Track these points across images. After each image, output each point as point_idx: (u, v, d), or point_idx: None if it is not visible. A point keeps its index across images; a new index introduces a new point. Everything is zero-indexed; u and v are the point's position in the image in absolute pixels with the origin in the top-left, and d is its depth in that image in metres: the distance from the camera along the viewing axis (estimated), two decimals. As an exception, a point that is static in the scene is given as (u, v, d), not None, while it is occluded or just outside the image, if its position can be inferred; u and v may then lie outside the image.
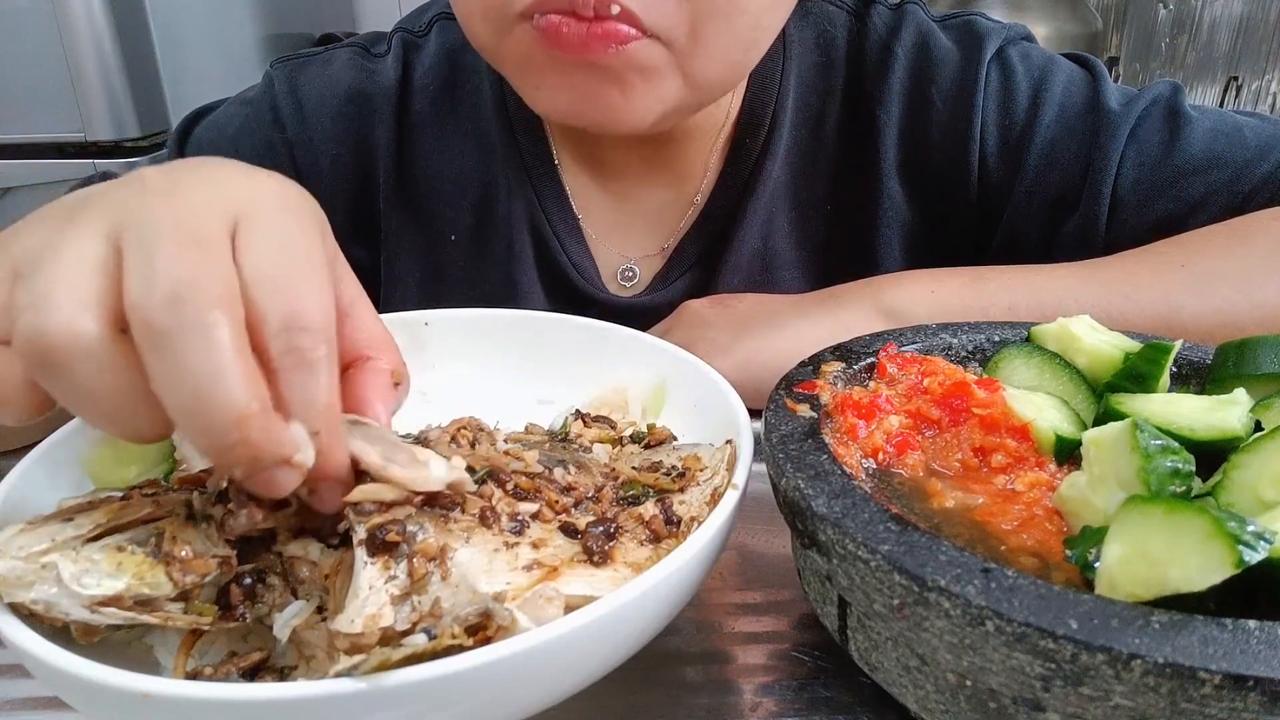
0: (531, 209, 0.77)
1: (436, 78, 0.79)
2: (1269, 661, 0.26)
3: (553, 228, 0.77)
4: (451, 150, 0.78)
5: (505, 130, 0.77)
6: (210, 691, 0.28)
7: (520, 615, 0.31)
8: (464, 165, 0.78)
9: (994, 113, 0.73)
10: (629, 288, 0.80)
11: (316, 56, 0.81)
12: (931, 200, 0.76)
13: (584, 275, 0.78)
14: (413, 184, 0.79)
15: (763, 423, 0.41)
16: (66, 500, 0.37)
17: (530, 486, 0.40)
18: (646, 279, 0.80)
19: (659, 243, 0.79)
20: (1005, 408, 0.41)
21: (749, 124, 0.76)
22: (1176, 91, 0.72)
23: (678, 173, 0.78)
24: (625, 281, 0.80)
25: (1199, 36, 2.32)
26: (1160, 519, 0.30)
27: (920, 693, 0.34)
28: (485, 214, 0.78)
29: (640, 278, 0.80)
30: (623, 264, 0.80)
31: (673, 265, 0.78)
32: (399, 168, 0.78)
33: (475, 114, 0.79)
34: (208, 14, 1.82)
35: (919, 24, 0.76)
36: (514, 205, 0.77)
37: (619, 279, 0.80)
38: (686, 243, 0.78)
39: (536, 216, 0.77)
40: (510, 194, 0.77)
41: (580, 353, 0.54)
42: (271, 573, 0.36)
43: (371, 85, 0.78)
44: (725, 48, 0.60)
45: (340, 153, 0.78)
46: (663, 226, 0.79)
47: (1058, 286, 0.62)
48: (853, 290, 0.66)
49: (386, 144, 0.78)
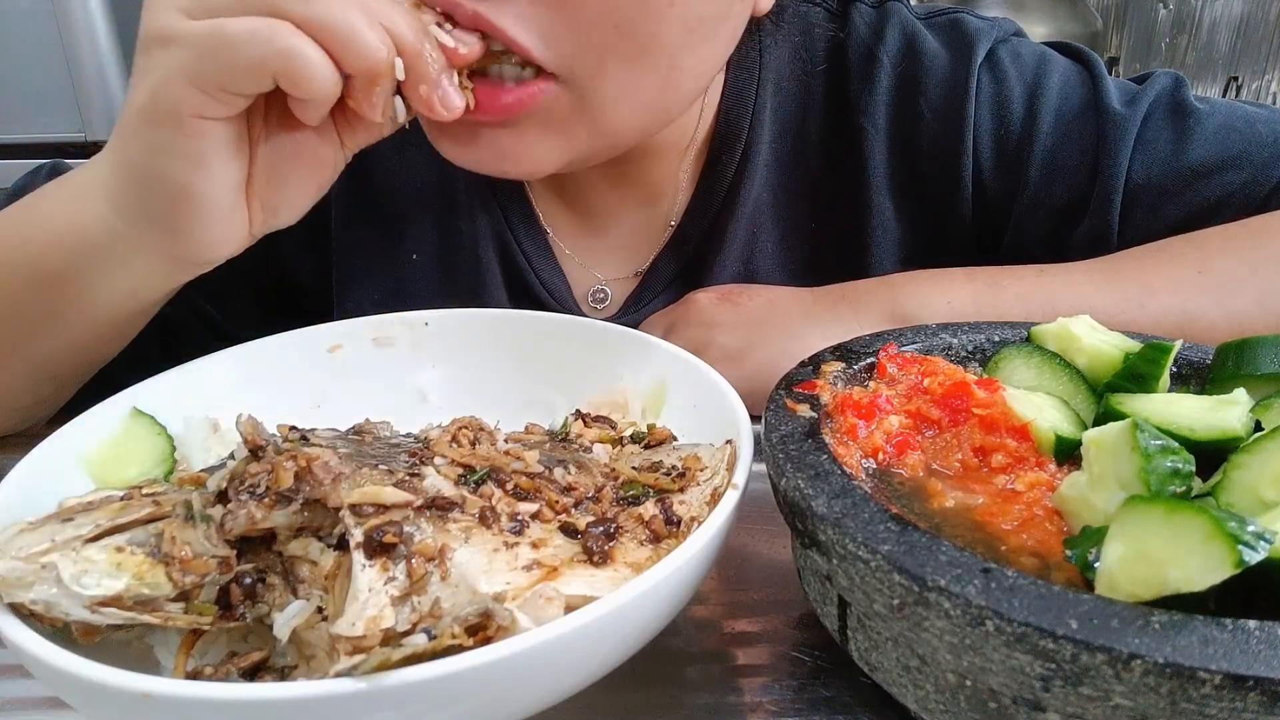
0: (498, 226, 0.74)
1: None
2: (1269, 661, 0.26)
3: (520, 245, 0.74)
4: (412, 165, 0.74)
5: None
6: (210, 691, 0.28)
7: (520, 615, 0.31)
8: (425, 181, 0.74)
9: (987, 121, 0.70)
10: (600, 310, 0.77)
11: None
12: (924, 215, 0.73)
13: (555, 295, 0.75)
14: (370, 201, 0.74)
15: (763, 423, 0.41)
16: (66, 500, 0.37)
17: (530, 486, 0.40)
18: (619, 301, 0.76)
19: (633, 264, 0.76)
20: (1005, 408, 0.41)
21: (724, 139, 0.72)
22: (1179, 83, 0.69)
23: (647, 191, 0.74)
24: (597, 303, 0.77)
25: (1199, 36, 2.31)
26: (1160, 519, 0.30)
27: (920, 693, 0.34)
28: (449, 233, 0.74)
29: (613, 299, 0.76)
30: (594, 285, 0.76)
31: (646, 287, 0.75)
32: (353, 184, 0.72)
33: None
34: (207, 14, 1.81)
35: (904, 25, 0.72)
36: (479, 222, 0.74)
37: (590, 300, 0.77)
38: (660, 264, 0.75)
39: (503, 234, 0.74)
40: (474, 211, 0.74)
41: (580, 353, 0.54)
42: (271, 573, 0.36)
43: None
44: (632, 89, 0.53)
45: None
46: (636, 247, 0.76)
47: (1073, 296, 0.61)
48: (866, 295, 0.64)
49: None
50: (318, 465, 0.35)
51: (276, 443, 0.39)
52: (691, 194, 0.74)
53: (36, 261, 0.54)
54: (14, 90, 1.72)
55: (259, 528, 0.35)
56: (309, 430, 0.43)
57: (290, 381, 0.52)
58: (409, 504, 0.35)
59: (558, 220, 0.76)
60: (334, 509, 0.35)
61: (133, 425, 0.46)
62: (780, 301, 0.67)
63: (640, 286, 0.76)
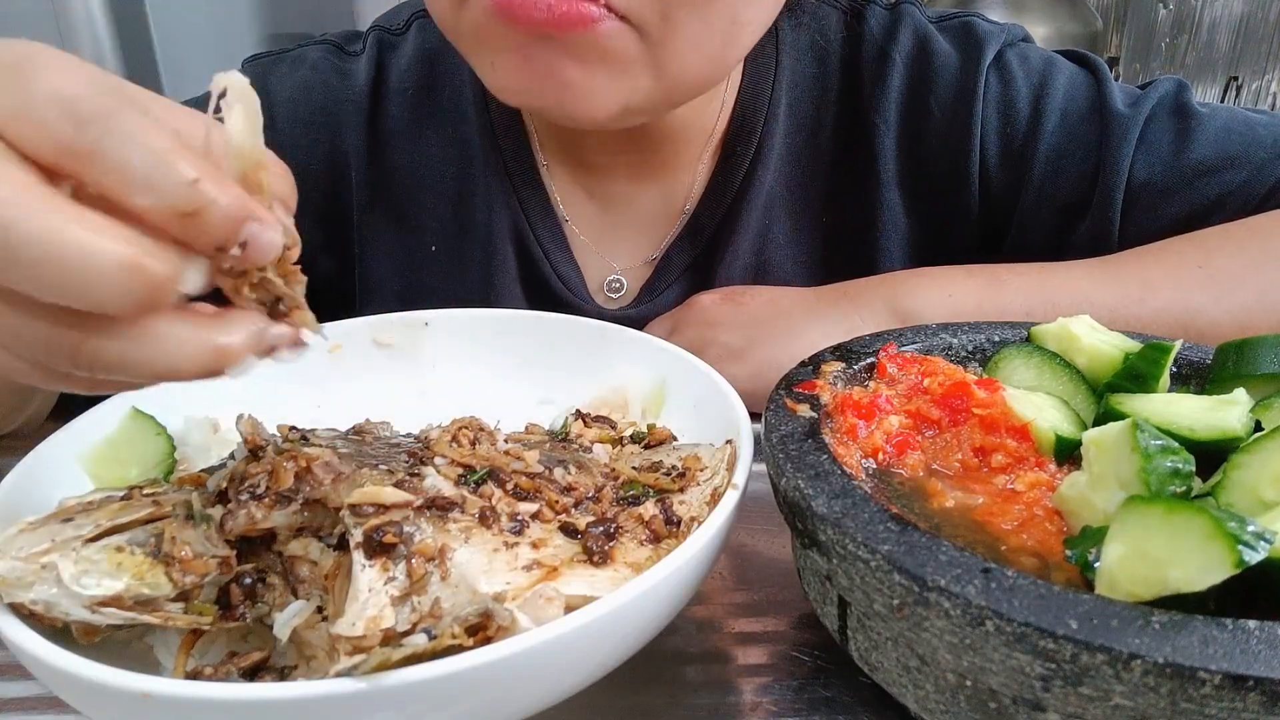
0: (515, 217, 0.75)
1: (414, 80, 0.75)
2: (1269, 661, 0.26)
3: (537, 237, 0.75)
4: (430, 156, 0.75)
5: (486, 135, 0.74)
6: (210, 691, 0.28)
7: (520, 615, 0.31)
8: (443, 172, 0.75)
9: (994, 121, 0.72)
10: (615, 299, 0.77)
11: (287, 55, 0.77)
12: (932, 211, 0.74)
13: (569, 286, 0.75)
14: (388, 192, 0.75)
15: (763, 423, 0.41)
16: (66, 500, 0.37)
17: (530, 486, 0.40)
18: (634, 290, 0.77)
19: (646, 253, 0.77)
20: (1005, 408, 0.41)
21: (741, 129, 0.74)
22: (1182, 88, 0.71)
23: (666, 177, 0.75)
24: (612, 293, 0.77)
25: (1199, 36, 2.31)
26: (1160, 519, 0.30)
27: (920, 693, 0.34)
28: (466, 223, 0.75)
29: (627, 289, 0.77)
30: (609, 275, 0.77)
31: (660, 276, 0.76)
32: (372, 175, 0.75)
33: (455, 118, 0.75)
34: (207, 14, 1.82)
35: (916, 26, 0.74)
36: (496, 213, 0.74)
37: (605, 290, 0.77)
38: (674, 252, 0.76)
39: (520, 225, 0.75)
40: (491, 201, 0.74)
41: (580, 353, 0.54)
42: (271, 573, 0.36)
43: (344, 88, 0.75)
44: (700, 38, 0.55)
45: (310, 160, 0.74)
46: (651, 236, 0.77)
47: (1074, 291, 0.62)
48: (868, 291, 0.65)
49: (359, 150, 0.75)
50: (318, 465, 0.35)
51: (276, 443, 0.39)
52: (707, 184, 0.75)
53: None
54: (14, 90, 1.72)
55: (259, 528, 0.35)
56: (309, 430, 0.43)
57: (290, 381, 0.52)
58: (409, 504, 0.35)
59: (575, 208, 0.77)
60: (334, 509, 0.35)
61: (133, 425, 0.46)
62: (781, 300, 0.68)
63: (654, 275, 0.76)
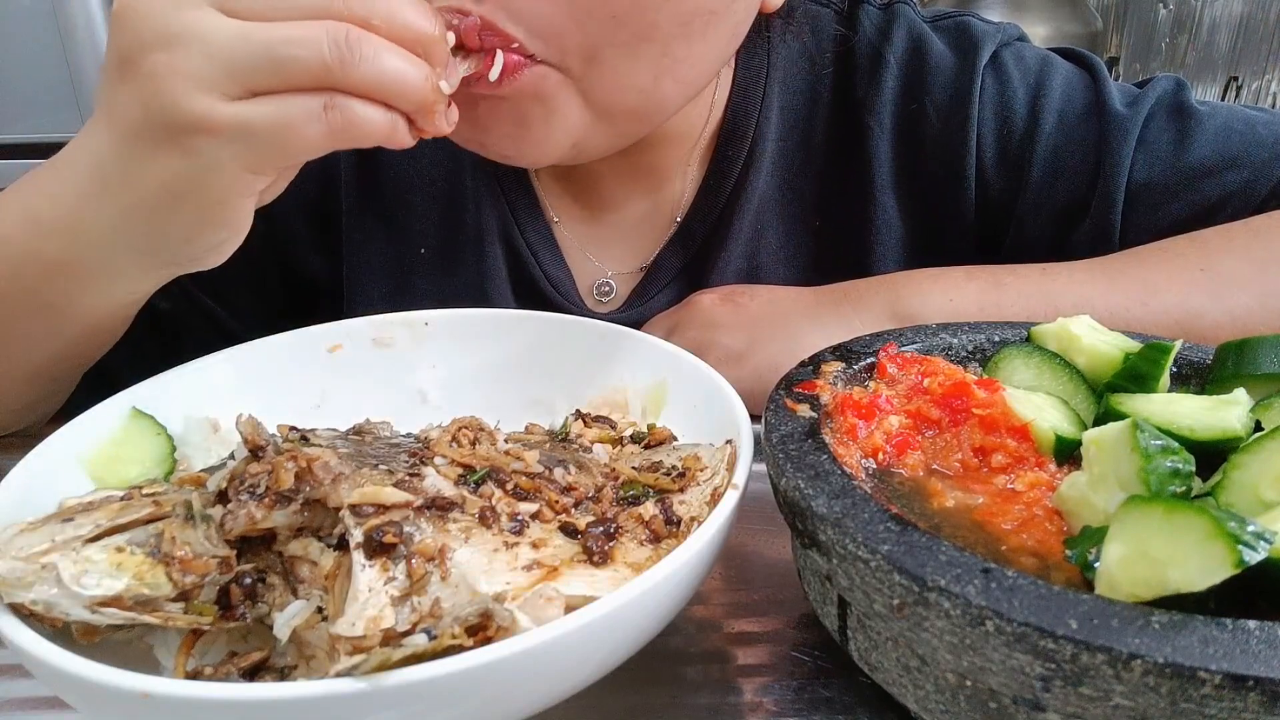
0: (504, 220, 0.74)
1: None
2: (1269, 661, 0.26)
3: (526, 239, 0.74)
4: (419, 159, 0.75)
5: None
6: (210, 691, 0.28)
7: (520, 615, 0.31)
8: (433, 175, 0.75)
9: (990, 122, 0.71)
10: (605, 303, 0.77)
11: None
12: (928, 214, 0.73)
13: (559, 289, 0.75)
14: (378, 195, 0.75)
15: (763, 423, 0.41)
16: (66, 500, 0.37)
17: (530, 486, 0.40)
18: (624, 295, 0.77)
19: (638, 258, 0.76)
20: (1005, 408, 0.41)
21: (731, 133, 0.73)
22: (1180, 87, 0.70)
23: (655, 181, 0.75)
24: (602, 297, 0.77)
25: (1199, 36, 2.31)
26: (1160, 519, 0.30)
27: (920, 693, 0.34)
28: (455, 225, 0.75)
29: (617, 293, 0.77)
30: (599, 279, 0.77)
31: (651, 280, 0.75)
32: (362, 177, 0.75)
33: None
34: (207, 14, 1.81)
35: (910, 26, 0.73)
36: (485, 216, 0.74)
37: (595, 294, 0.77)
38: (665, 258, 0.75)
39: (509, 228, 0.74)
40: (481, 204, 0.74)
41: (580, 353, 0.54)
42: (271, 573, 0.36)
43: None
44: (627, 75, 0.54)
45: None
46: (641, 241, 0.76)
47: (1075, 294, 0.61)
48: (868, 293, 0.64)
49: (348, 152, 0.74)
50: (318, 465, 0.35)
51: (276, 443, 0.39)
52: (698, 188, 0.75)
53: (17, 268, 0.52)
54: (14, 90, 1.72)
55: (259, 528, 0.35)
56: (309, 430, 0.43)
57: (290, 381, 0.52)
58: (409, 504, 0.35)
59: (564, 211, 0.76)
60: (334, 509, 0.35)
61: (133, 425, 0.46)
62: (782, 301, 0.67)
63: (645, 280, 0.76)
